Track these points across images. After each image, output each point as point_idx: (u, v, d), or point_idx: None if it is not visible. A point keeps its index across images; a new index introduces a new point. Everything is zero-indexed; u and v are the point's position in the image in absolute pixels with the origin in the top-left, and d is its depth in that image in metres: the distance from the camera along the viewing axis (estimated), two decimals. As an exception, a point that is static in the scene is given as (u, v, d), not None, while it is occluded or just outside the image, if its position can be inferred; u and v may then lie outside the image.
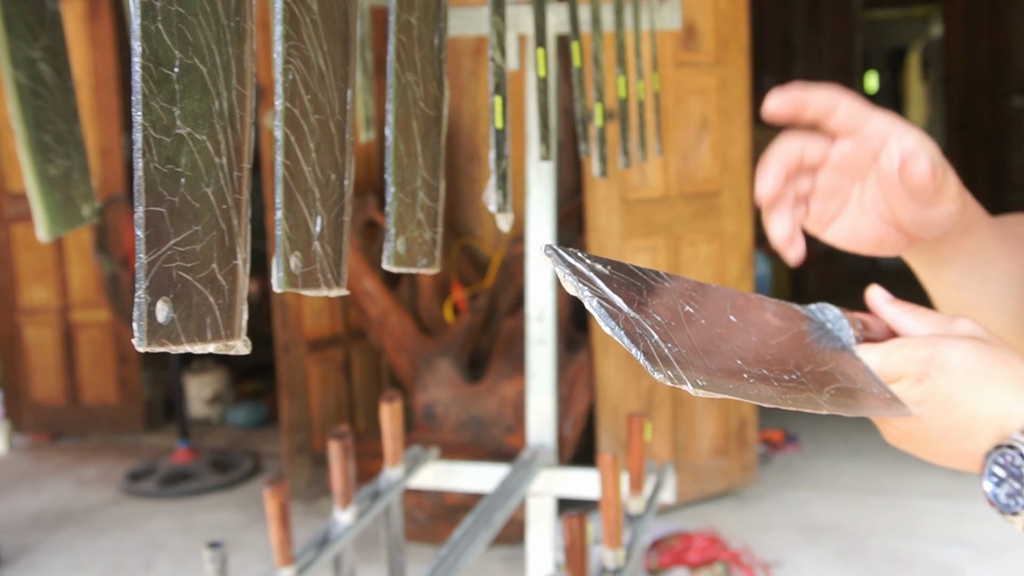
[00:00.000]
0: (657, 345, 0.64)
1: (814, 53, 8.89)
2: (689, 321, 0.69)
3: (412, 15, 0.73)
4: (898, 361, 0.75)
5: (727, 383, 0.66)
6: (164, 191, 0.46)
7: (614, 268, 0.67)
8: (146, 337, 0.44)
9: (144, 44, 0.44)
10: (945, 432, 0.75)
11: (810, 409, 0.71)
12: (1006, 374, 0.73)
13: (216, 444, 5.20)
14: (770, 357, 0.72)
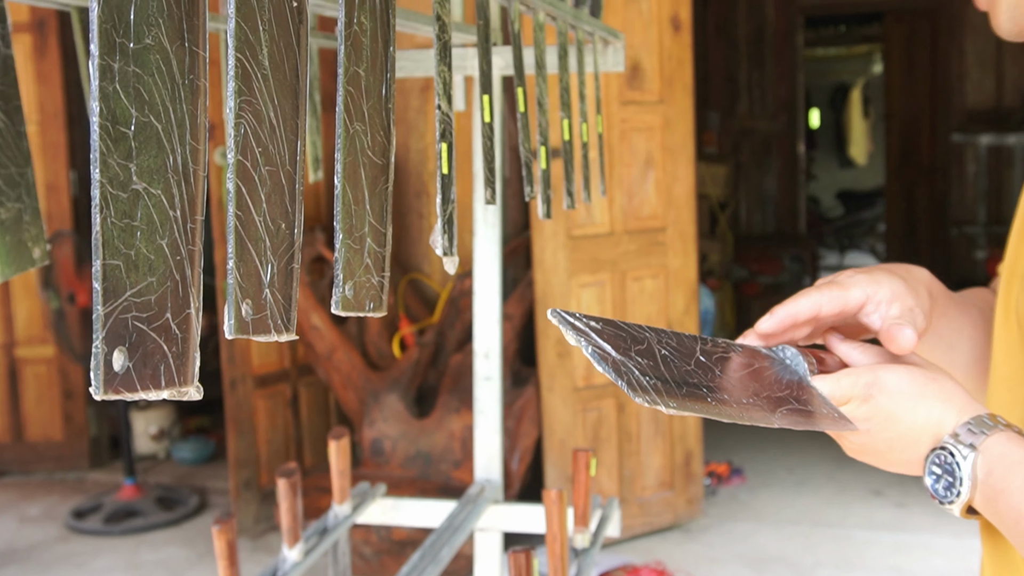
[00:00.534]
0: (638, 379, 0.82)
1: (758, 90, 9.06)
2: (664, 361, 0.87)
3: (360, 67, 0.75)
4: (846, 386, 0.90)
5: (693, 404, 0.84)
6: (121, 245, 0.47)
7: (605, 324, 0.86)
8: (103, 385, 0.46)
9: (102, 104, 0.46)
10: (891, 443, 0.89)
11: (763, 424, 0.86)
12: (936, 391, 0.88)
13: (162, 480, 5.14)
14: (730, 386, 0.89)
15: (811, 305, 0.93)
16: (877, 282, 0.95)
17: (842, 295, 0.94)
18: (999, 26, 0.98)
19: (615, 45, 1.76)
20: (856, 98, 12.88)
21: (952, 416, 0.87)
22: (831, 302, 0.94)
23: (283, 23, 0.63)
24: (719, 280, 6.90)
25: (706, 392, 0.86)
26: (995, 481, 0.83)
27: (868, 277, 0.95)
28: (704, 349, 0.91)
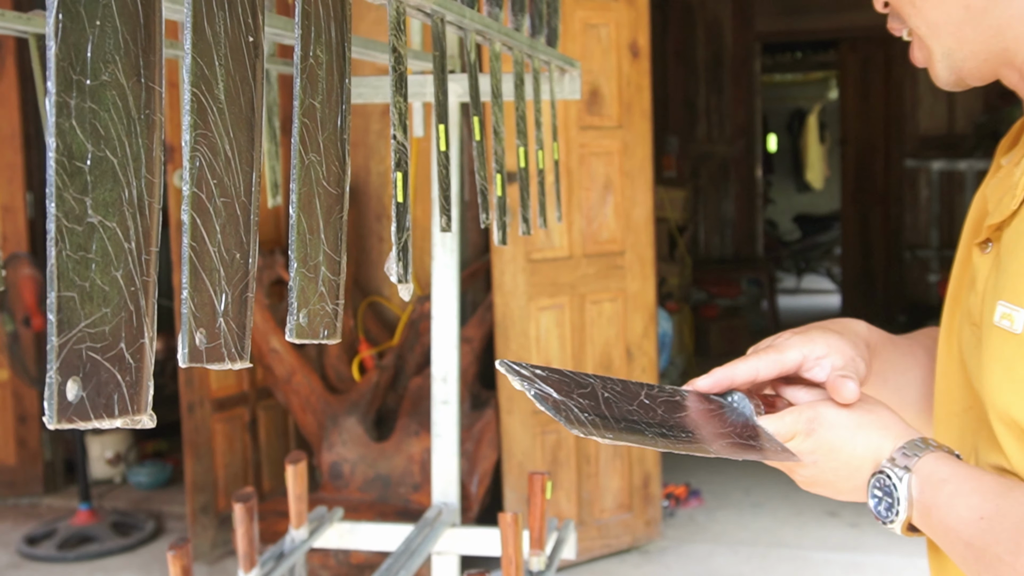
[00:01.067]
0: (576, 414, 0.88)
1: (716, 115, 9.16)
2: (606, 402, 0.93)
3: (316, 99, 0.77)
4: (789, 423, 0.96)
5: (630, 436, 0.90)
6: (76, 277, 0.48)
7: (551, 372, 0.93)
8: (56, 415, 0.47)
9: (58, 140, 0.48)
10: (836, 472, 0.96)
11: (700, 453, 0.92)
12: (872, 420, 0.96)
13: (118, 505, 5.09)
14: (672, 423, 0.94)
15: (748, 370, 0.99)
16: (811, 341, 1.01)
17: (779, 358, 1.00)
18: (936, 76, 1.01)
19: (571, 73, 1.79)
20: (812, 124, 13.04)
21: (889, 442, 0.94)
22: (768, 366, 1.00)
23: (239, 57, 0.65)
24: (678, 303, 6.95)
25: (644, 427, 0.91)
26: (926, 498, 0.90)
27: (802, 338, 1.01)
28: (649, 394, 0.97)
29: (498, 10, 1.31)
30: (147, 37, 0.55)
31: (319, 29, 0.77)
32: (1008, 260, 0.95)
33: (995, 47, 0.96)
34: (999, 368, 0.94)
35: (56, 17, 0.48)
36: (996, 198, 1.02)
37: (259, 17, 0.67)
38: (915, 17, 0.98)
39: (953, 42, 0.97)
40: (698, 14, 8.98)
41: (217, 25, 0.62)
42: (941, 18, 0.96)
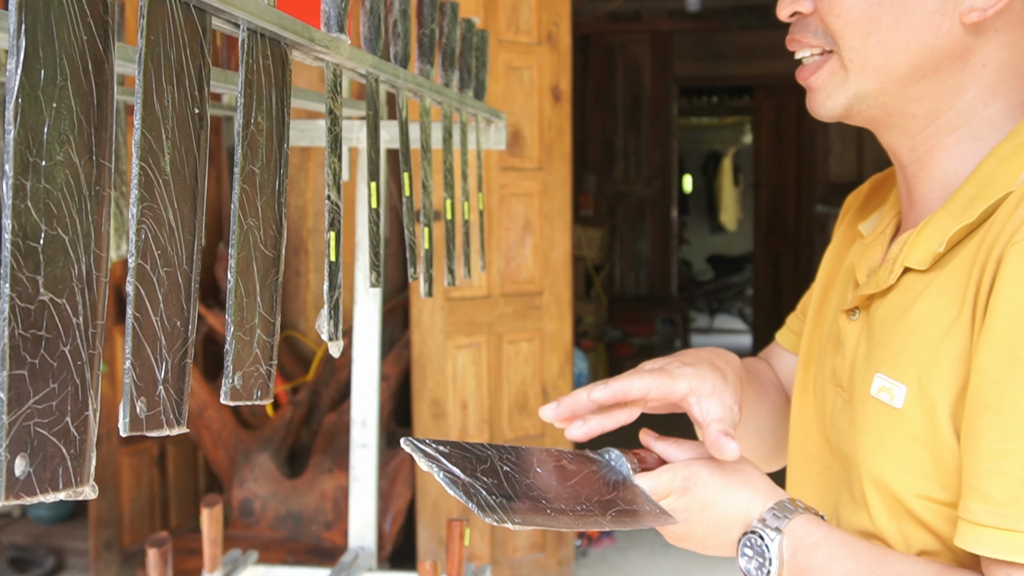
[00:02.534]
0: (486, 499, 0.88)
1: (634, 156, 9.30)
2: (507, 478, 0.94)
3: (255, 165, 0.78)
4: (665, 482, 0.98)
5: (535, 518, 0.90)
6: (27, 355, 0.49)
7: (452, 447, 0.94)
8: (4, 491, 0.48)
9: (14, 221, 0.49)
10: (707, 529, 0.98)
11: (596, 528, 0.94)
12: (743, 480, 0.99)
13: (17, 540, 4.94)
14: (566, 495, 0.96)
15: (642, 387, 1.00)
16: (700, 376, 1.02)
17: (670, 384, 1.01)
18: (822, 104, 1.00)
19: (497, 124, 1.82)
20: (727, 166, 13.32)
21: (758, 502, 0.97)
22: (659, 388, 1.01)
23: (185, 129, 0.66)
24: (593, 341, 7.02)
25: (545, 504, 0.92)
26: (799, 560, 0.92)
27: (694, 371, 1.03)
28: (540, 459, 0.99)
29: (429, 67, 1.34)
30: (100, 116, 0.56)
31: (260, 96, 0.78)
32: (886, 335, 0.98)
33: (908, 110, 0.98)
34: (874, 437, 0.96)
35: (16, 102, 0.49)
36: (864, 267, 1.05)
37: (205, 89, 0.69)
38: (854, 51, 0.96)
39: (875, 89, 0.97)
40: (618, 56, 9.14)
41: (165, 99, 0.64)
42: (884, 65, 0.95)
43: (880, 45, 0.94)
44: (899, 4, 0.93)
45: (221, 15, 0.71)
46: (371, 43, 1.08)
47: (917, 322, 0.94)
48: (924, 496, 0.92)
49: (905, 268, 0.97)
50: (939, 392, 0.90)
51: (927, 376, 0.91)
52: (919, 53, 0.94)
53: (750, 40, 8.95)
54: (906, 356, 0.94)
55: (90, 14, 0.55)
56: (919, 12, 0.93)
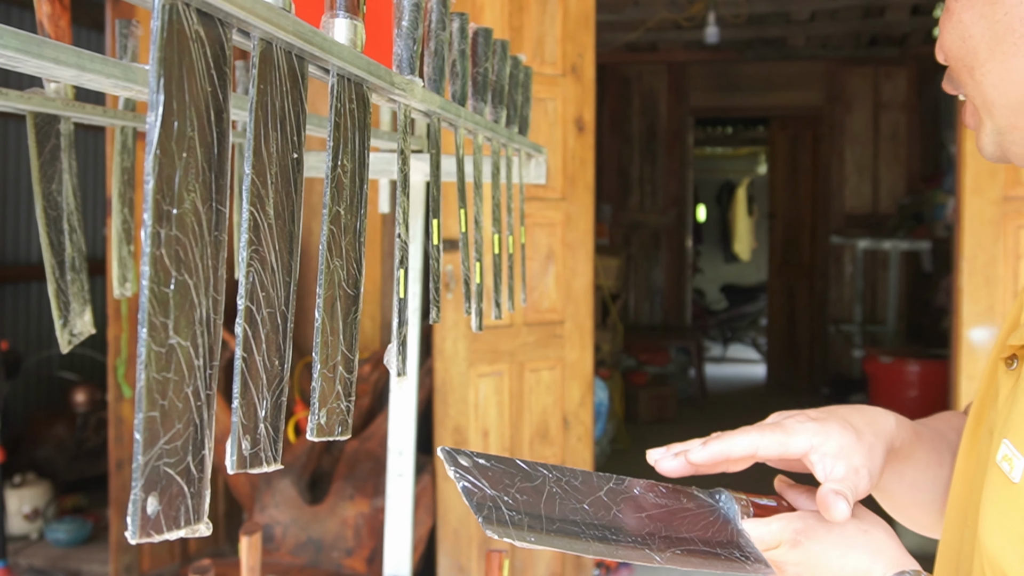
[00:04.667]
0: (501, 512, 0.81)
1: (649, 185, 9.34)
2: (549, 498, 0.86)
3: (341, 206, 0.80)
4: (775, 531, 0.91)
5: (556, 539, 0.83)
6: (158, 396, 0.51)
7: (497, 462, 0.87)
8: (139, 531, 0.49)
9: (151, 268, 0.50)
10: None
11: (642, 562, 0.86)
12: (865, 542, 0.91)
13: (35, 563, 4.95)
14: (623, 525, 0.88)
15: (747, 445, 0.93)
16: (826, 433, 0.94)
17: (784, 441, 0.94)
18: (981, 147, 0.95)
19: (538, 159, 1.84)
20: (741, 196, 13.35)
21: (880, 568, 0.90)
22: (770, 447, 0.94)
23: (286, 175, 0.68)
24: (609, 370, 7.03)
25: (583, 529, 0.85)
26: None
27: (817, 426, 0.95)
28: (613, 488, 0.92)
29: (483, 105, 1.36)
30: (219, 163, 0.58)
31: (346, 140, 0.80)
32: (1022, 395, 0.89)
33: None
34: (993, 511, 0.90)
35: (155, 154, 0.51)
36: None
37: (302, 133, 0.70)
38: (971, 88, 0.92)
39: (1006, 124, 0.91)
40: (634, 86, 9.19)
41: (272, 146, 0.65)
42: (999, 99, 0.90)
43: (985, 78, 0.90)
44: (990, 34, 0.87)
45: (317, 62, 0.73)
46: (435, 84, 1.10)
47: None
48: None
49: None
50: None
51: None
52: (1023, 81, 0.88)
53: (766, 72, 9.00)
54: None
55: (213, 65, 0.57)
56: (1010, 39, 0.87)
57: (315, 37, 0.68)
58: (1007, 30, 0.86)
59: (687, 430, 7.83)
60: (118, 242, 1.38)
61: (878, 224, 8.58)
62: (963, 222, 3.94)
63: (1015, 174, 3.90)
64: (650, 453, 0.96)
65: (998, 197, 3.91)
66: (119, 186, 1.37)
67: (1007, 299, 3.90)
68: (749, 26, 7.68)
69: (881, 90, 8.74)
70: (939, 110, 7.89)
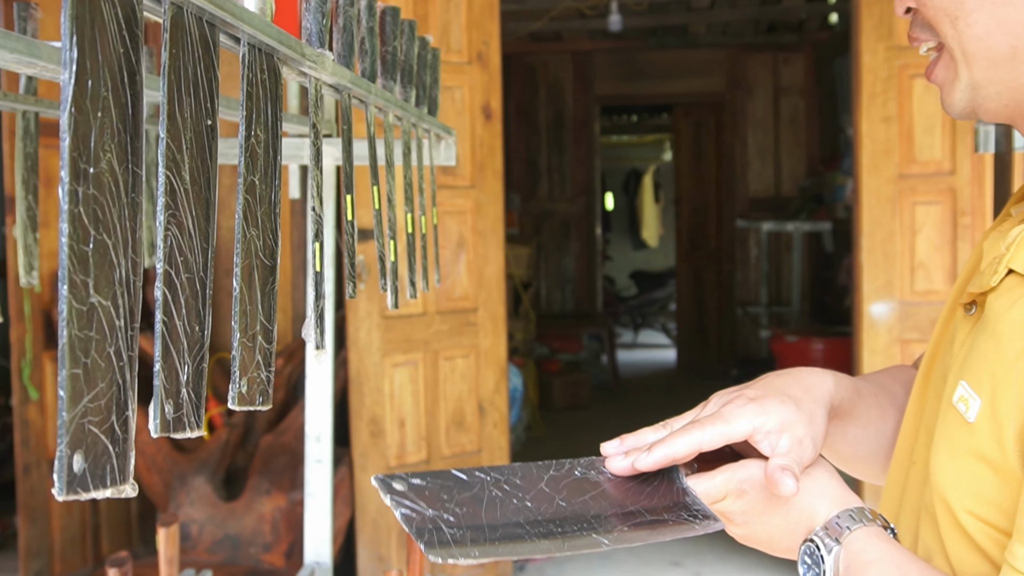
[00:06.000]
0: (442, 533, 0.81)
1: (557, 174, 9.39)
2: (490, 504, 0.86)
3: (255, 176, 0.80)
4: (720, 483, 0.92)
5: (501, 547, 0.82)
6: (81, 355, 0.51)
7: (432, 478, 0.86)
8: (65, 487, 0.49)
9: (70, 225, 0.50)
10: (770, 533, 0.93)
11: (590, 550, 0.85)
12: (808, 485, 0.92)
13: (-60, 574, 4.81)
14: (569, 512, 0.88)
15: (690, 445, 0.92)
16: (766, 412, 0.93)
17: (725, 431, 0.92)
18: (950, 103, 0.93)
19: (448, 140, 1.85)
20: (648, 183, 13.51)
21: (824, 507, 0.90)
22: (712, 440, 0.93)
23: (200, 140, 0.68)
24: (523, 358, 7.06)
25: (527, 530, 0.84)
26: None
27: (756, 407, 0.94)
28: (553, 476, 0.91)
29: (393, 84, 1.37)
30: (134, 125, 0.58)
31: (259, 110, 0.81)
32: (979, 337, 0.90)
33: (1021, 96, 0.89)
34: (945, 448, 0.90)
35: (70, 111, 0.51)
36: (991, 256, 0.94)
37: (215, 100, 0.71)
38: (951, 39, 0.89)
39: (983, 77, 0.89)
40: (540, 76, 9.24)
41: (185, 111, 0.66)
42: (981, 51, 0.88)
43: (970, 28, 0.87)
44: None
45: (228, 29, 0.73)
46: (345, 59, 1.10)
47: (1005, 332, 0.86)
48: (983, 519, 0.86)
49: (1009, 270, 0.89)
50: (1007, 413, 0.83)
51: (1000, 393, 0.84)
52: (1012, 31, 0.86)
53: (669, 59, 9.12)
54: (987, 367, 0.86)
55: (125, 27, 0.57)
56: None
57: (227, 3, 0.69)
58: None
59: (601, 415, 7.92)
60: (23, 230, 1.36)
61: (781, 207, 8.76)
62: (861, 200, 4.05)
63: (909, 153, 4.02)
64: (604, 447, 0.96)
65: (893, 175, 4.03)
66: (23, 172, 1.34)
67: (904, 273, 4.03)
68: (651, 14, 7.78)
69: (780, 76, 8.93)
70: (836, 95, 8.08)
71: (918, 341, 3.97)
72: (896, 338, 4.01)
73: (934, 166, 4.00)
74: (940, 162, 4.00)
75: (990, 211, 3.85)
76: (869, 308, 4.03)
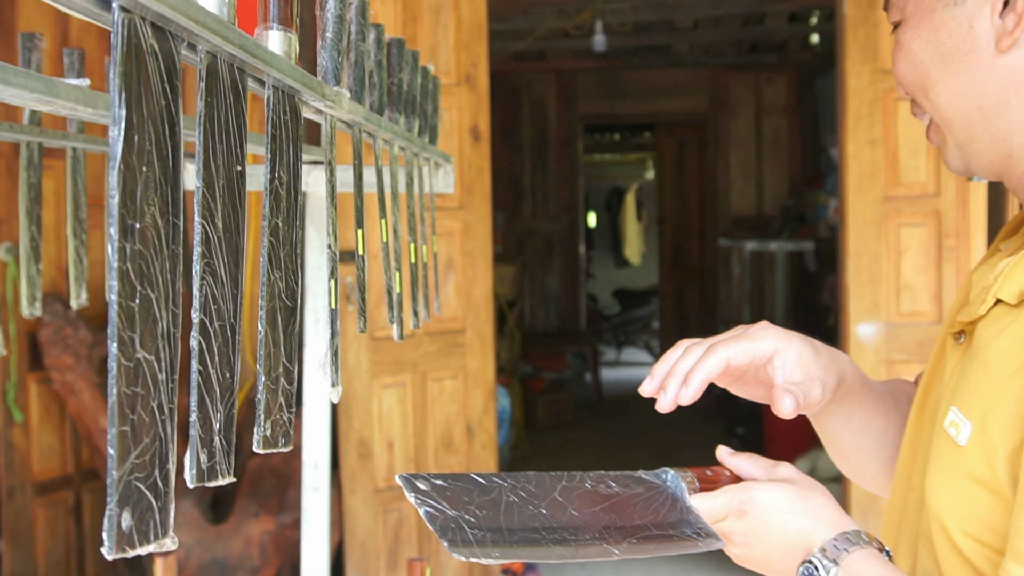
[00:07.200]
0: (465, 533, 0.84)
1: (541, 193, 9.41)
2: (508, 509, 0.89)
3: (279, 218, 0.80)
4: (721, 504, 0.97)
5: (519, 551, 0.86)
6: (128, 411, 0.51)
7: (453, 480, 0.89)
8: (115, 546, 0.49)
9: (118, 282, 0.50)
10: (768, 554, 0.97)
11: (602, 558, 0.89)
12: (807, 507, 0.96)
13: (-79, 598, 4.75)
14: (581, 523, 0.91)
15: (719, 362, 1.00)
16: (788, 340, 1.03)
17: (751, 347, 1.01)
18: (947, 162, 1.02)
19: (446, 168, 1.86)
20: (631, 202, 13.55)
21: (822, 531, 0.95)
22: (739, 356, 1.01)
23: (232, 186, 0.68)
24: (508, 377, 7.06)
25: (543, 534, 0.88)
26: None
27: (780, 332, 1.03)
28: (566, 487, 0.95)
29: (398, 115, 1.37)
30: (174, 176, 0.58)
31: (282, 151, 0.81)
32: (969, 365, 0.95)
33: (1001, 150, 0.97)
34: (939, 472, 0.94)
35: (119, 168, 0.51)
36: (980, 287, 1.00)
37: (244, 146, 0.71)
38: (929, 108, 1.00)
39: (964, 137, 0.98)
40: (524, 95, 9.26)
41: (219, 159, 0.66)
42: (954, 115, 0.97)
43: (939, 97, 0.97)
44: (938, 57, 0.96)
45: (256, 74, 0.73)
46: (356, 95, 1.10)
47: (994, 359, 0.91)
48: (978, 540, 0.90)
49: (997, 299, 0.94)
50: (999, 436, 0.88)
51: (991, 418, 0.89)
52: (976, 95, 0.95)
53: (652, 79, 9.16)
54: (977, 393, 0.91)
55: (167, 79, 0.57)
56: (955, 58, 0.95)
57: (257, 49, 0.69)
58: (951, 51, 0.95)
59: (586, 434, 7.91)
60: (26, 261, 1.35)
61: (763, 226, 8.80)
62: (847, 222, 4.08)
63: (894, 175, 4.05)
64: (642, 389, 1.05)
65: (879, 197, 4.06)
66: (26, 203, 1.34)
67: (890, 295, 4.05)
68: (635, 34, 7.82)
69: (763, 95, 8.98)
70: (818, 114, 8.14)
71: (904, 362, 3.99)
72: (883, 359, 4.03)
73: (919, 188, 4.03)
74: (925, 184, 4.03)
75: (974, 234, 3.89)
76: (856, 329, 4.05)
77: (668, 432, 7.72)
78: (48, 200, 3.68)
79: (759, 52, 8.81)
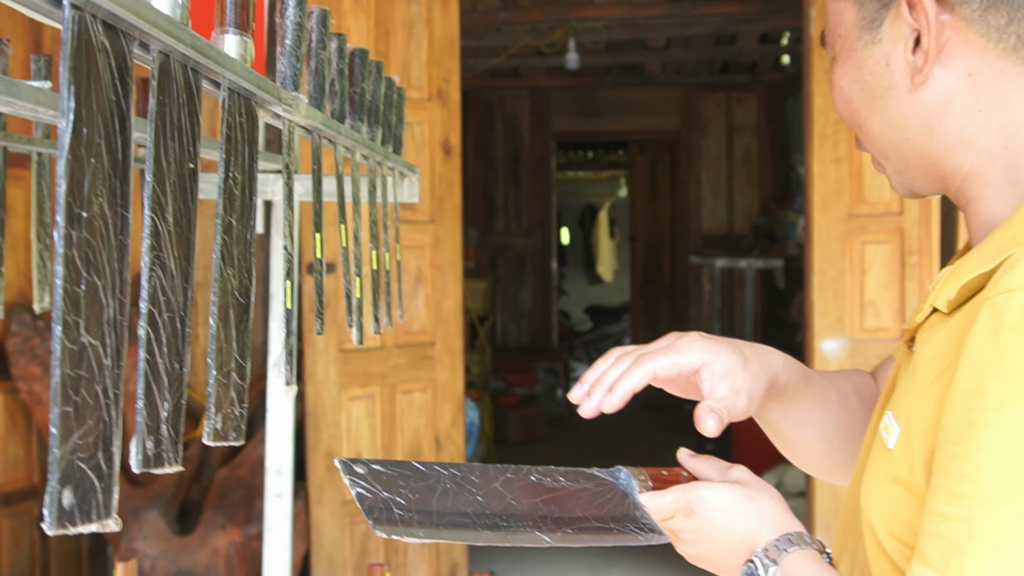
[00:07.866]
0: (391, 513, 0.86)
1: (514, 209, 9.45)
2: (442, 494, 0.90)
3: (232, 216, 0.82)
4: (670, 502, 1.00)
5: (444, 532, 0.87)
6: (72, 393, 0.53)
7: (392, 466, 0.91)
8: (55, 522, 0.51)
9: (64, 268, 0.52)
10: (715, 552, 1.00)
11: (530, 545, 0.91)
12: (753, 509, 0.99)
13: None
14: (515, 512, 0.92)
15: (645, 375, 1.04)
16: (716, 352, 1.05)
17: (678, 360, 1.04)
18: (895, 188, 1.06)
19: (411, 178, 1.88)
20: (603, 219, 13.61)
21: (767, 531, 0.98)
22: (665, 368, 1.04)
23: (183, 183, 0.70)
24: (478, 392, 7.07)
25: (472, 520, 0.89)
26: None
27: (709, 344, 1.06)
28: (510, 478, 0.96)
29: (360, 123, 1.39)
30: (123, 170, 0.60)
31: (237, 152, 0.83)
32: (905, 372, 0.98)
33: (934, 174, 1.00)
34: (871, 475, 0.96)
35: (67, 159, 0.53)
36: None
37: (197, 144, 0.73)
38: (866, 143, 1.04)
39: (900, 166, 1.02)
40: (498, 112, 9.31)
41: (170, 155, 0.68)
42: (887, 146, 1.01)
43: (871, 131, 1.01)
44: (864, 94, 1.00)
45: (211, 76, 0.75)
46: (316, 101, 1.13)
47: (920, 364, 0.93)
48: (902, 541, 0.92)
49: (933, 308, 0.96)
50: (918, 440, 0.90)
51: (913, 421, 0.91)
52: (902, 127, 0.98)
53: (625, 97, 9.23)
54: (906, 397, 0.94)
55: (117, 76, 0.59)
56: (878, 94, 0.98)
57: (211, 51, 0.71)
58: (874, 87, 0.99)
59: (556, 449, 7.93)
60: (-13, 262, 1.36)
61: (734, 244, 8.87)
62: (813, 239, 4.13)
63: (859, 194, 4.11)
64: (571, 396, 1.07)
65: (844, 215, 4.11)
66: (-11, 206, 1.35)
67: (855, 311, 4.10)
68: (608, 53, 7.88)
69: (734, 115, 9.06)
70: (788, 134, 8.22)
71: (869, 378, 4.04)
72: (847, 375, 4.07)
73: (883, 206, 4.09)
74: (889, 203, 4.08)
75: (936, 251, 3.94)
76: (820, 345, 4.10)
77: (639, 448, 7.75)
78: (17, 209, 3.67)
79: (731, 72, 8.89)
